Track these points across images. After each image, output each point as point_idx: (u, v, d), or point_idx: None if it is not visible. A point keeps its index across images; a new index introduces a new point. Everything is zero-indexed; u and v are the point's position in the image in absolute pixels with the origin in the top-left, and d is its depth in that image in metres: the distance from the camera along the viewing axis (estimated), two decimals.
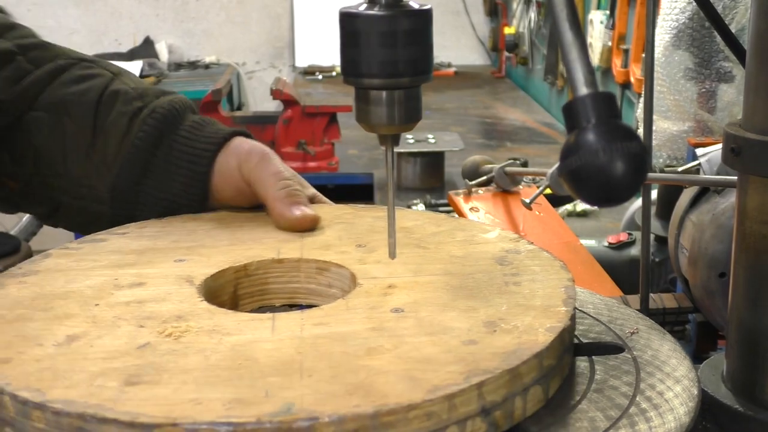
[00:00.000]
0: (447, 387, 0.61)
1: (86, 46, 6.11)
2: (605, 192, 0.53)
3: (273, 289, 0.86)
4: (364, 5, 0.68)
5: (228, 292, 0.84)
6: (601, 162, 0.53)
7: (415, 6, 0.68)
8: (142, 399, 0.60)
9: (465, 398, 0.61)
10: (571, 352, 0.74)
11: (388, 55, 0.67)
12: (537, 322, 0.70)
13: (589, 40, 3.89)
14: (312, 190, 1.03)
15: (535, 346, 0.67)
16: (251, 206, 1.00)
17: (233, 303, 0.84)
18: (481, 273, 0.80)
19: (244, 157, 0.98)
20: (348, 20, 0.68)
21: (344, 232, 0.92)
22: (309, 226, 0.93)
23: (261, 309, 0.86)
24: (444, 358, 0.65)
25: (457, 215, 1.77)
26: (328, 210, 1.00)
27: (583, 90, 0.56)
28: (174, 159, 1.00)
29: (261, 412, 0.58)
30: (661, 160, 2.19)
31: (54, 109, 1.05)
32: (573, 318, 0.73)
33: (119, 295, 0.77)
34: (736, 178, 0.77)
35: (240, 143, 1.00)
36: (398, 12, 0.67)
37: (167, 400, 0.59)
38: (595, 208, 2.89)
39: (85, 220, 1.06)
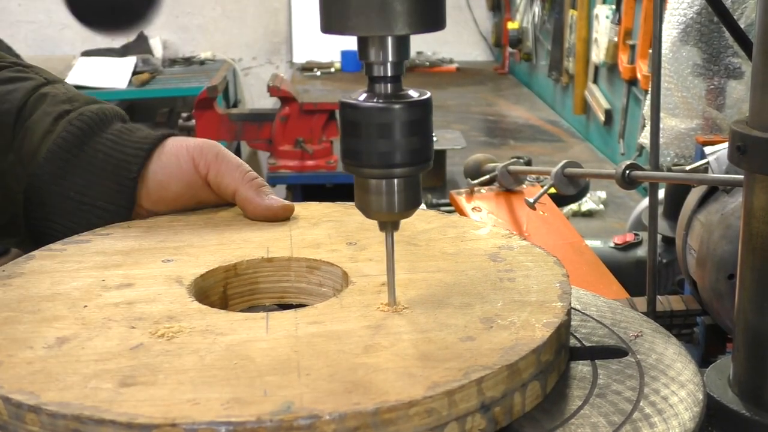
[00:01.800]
0: (447, 383, 0.60)
1: (78, 42, 6.05)
2: None
3: (263, 288, 0.85)
4: (364, 95, 0.68)
5: (218, 292, 0.83)
6: None
7: (415, 96, 0.68)
8: (138, 400, 0.59)
9: (465, 394, 0.61)
10: (567, 348, 0.73)
11: (387, 146, 0.67)
12: (533, 318, 0.70)
13: (594, 35, 3.90)
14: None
15: (533, 341, 0.66)
16: (195, 206, 0.99)
17: (223, 303, 0.83)
18: (475, 270, 0.80)
19: (198, 152, 0.96)
20: (347, 111, 0.68)
21: (334, 230, 0.92)
22: (288, 214, 0.94)
23: (251, 309, 0.85)
24: (442, 354, 0.65)
25: (459, 215, 1.76)
26: (316, 208, 0.99)
27: None
28: (99, 162, 0.97)
29: (260, 411, 0.57)
30: (668, 159, 2.18)
31: None
32: (569, 313, 0.73)
33: (108, 297, 0.76)
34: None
35: (183, 140, 0.98)
36: (397, 103, 0.67)
37: (164, 401, 0.59)
38: (601, 207, 2.88)
39: (1, 223, 1.01)
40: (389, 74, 0.67)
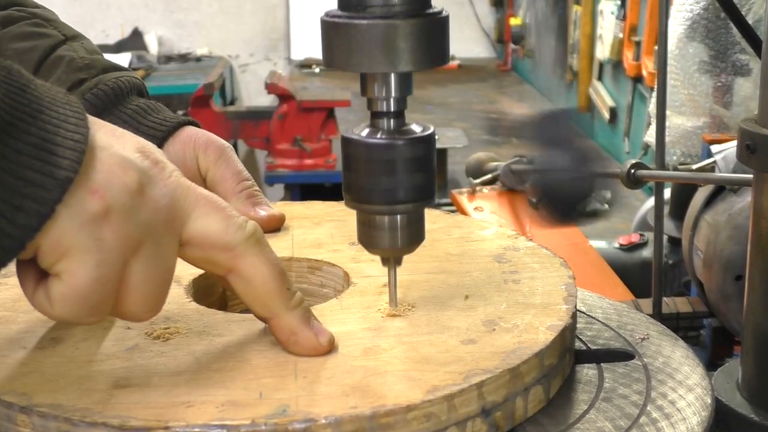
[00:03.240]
0: (446, 387, 0.59)
1: None
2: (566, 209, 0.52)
3: None
4: (367, 130, 0.67)
5: (217, 292, 0.82)
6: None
7: (418, 131, 0.67)
8: (131, 402, 0.58)
9: (465, 398, 0.60)
10: (572, 352, 0.72)
11: (390, 182, 0.66)
12: (537, 321, 0.69)
13: (599, 31, 3.87)
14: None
15: (536, 345, 0.65)
16: None
17: (222, 303, 0.82)
18: (479, 271, 0.79)
19: (203, 150, 0.94)
20: (349, 146, 0.67)
21: (336, 230, 0.90)
22: (276, 226, 0.91)
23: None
24: (442, 358, 0.63)
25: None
26: (320, 207, 0.98)
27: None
28: None
29: (255, 414, 0.56)
30: (674, 158, 2.17)
31: None
32: (574, 316, 0.71)
33: None
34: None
35: (195, 133, 0.95)
36: (401, 140, 0.66)
37: (158, 403, 0.58)
38: (606, 207, 2.87)
39: None
40: (392, 110, 0.66)
